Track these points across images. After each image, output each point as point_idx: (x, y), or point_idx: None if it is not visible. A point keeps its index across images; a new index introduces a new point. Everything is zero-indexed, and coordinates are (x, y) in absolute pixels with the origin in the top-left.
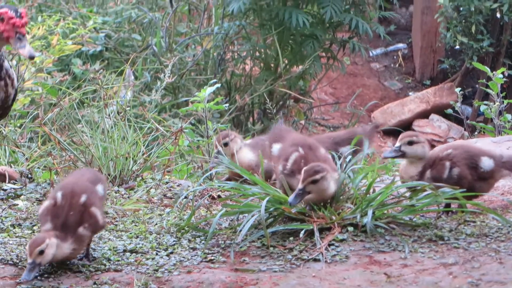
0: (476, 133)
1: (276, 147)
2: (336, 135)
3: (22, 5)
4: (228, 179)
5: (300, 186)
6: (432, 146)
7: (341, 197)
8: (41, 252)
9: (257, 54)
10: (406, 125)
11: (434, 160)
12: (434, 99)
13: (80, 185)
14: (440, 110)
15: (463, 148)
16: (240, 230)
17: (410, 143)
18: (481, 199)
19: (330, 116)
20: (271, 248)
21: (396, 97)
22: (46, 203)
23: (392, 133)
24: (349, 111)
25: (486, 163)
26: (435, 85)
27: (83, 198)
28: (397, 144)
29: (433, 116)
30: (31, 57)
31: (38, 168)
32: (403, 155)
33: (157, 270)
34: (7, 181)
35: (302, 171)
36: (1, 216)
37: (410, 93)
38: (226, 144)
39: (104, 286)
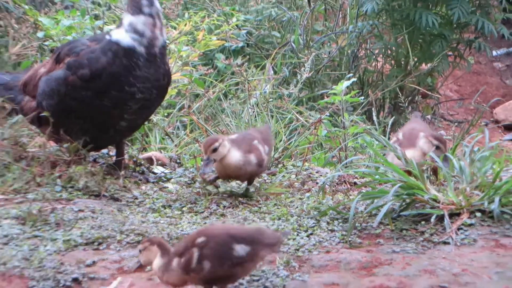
0: None
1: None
2: None
3: (169, 3)
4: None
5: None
6: None
7: (470, 185)
8: (215, 150)
9: (389, 52)
10: None
11: None
12: None
13: None
14: None
15: None
16: (375, 214)
17: None
18: None
19: (454, 112)
20: (404, 231)
21: None
22: None
23: None
24: (472, 107)
25: None
26: None
27: None
28: None
29: None
30: None
31: (185, 154)
32: None
33: (298, 250)
34: (154, 165)
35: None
36: (153, 197)
37: None
38: (215, 150)
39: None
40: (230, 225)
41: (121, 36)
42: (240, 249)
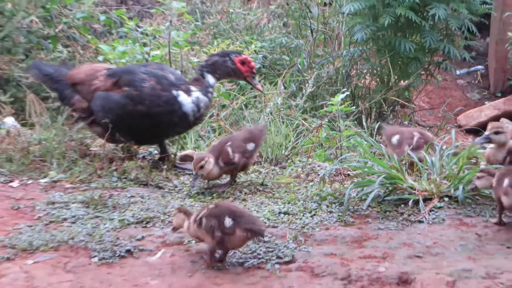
0: None
1: (395, 138)
2: None
3: (202, 33)
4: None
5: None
6: None
7: (440, 176)
8: (201, 167)
9: (375, 71)
10: (483, 126)
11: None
12: (504, 106)
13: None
14: (508, 115)
15: None
16: (365, 199)
17: (496, 132)
18: None
19: (426, 119)
20: (387, 213)
21: (475, 105)
22: None
23: (472, 131)
24: (440, 115)
25: None
26: (505, 96)
27: None
28: (486, 133)
29: (503, 119)
30: (260, 90)
31: None
32: (490, 141)
33: (303, 227)
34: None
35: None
36: (189, 186)
37: (486, 102)
38: (201, 167)
39: (265, 237)
40: (230, 205)
41: (186, 102)
42: (228, 221)
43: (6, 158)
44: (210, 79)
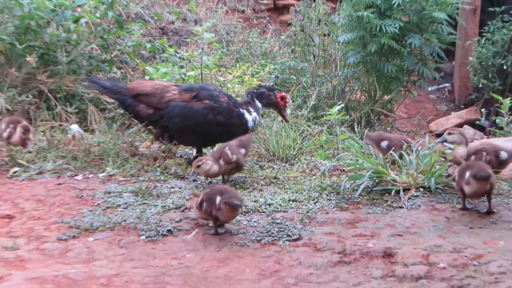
0: (490, 136)
1: (384, 143)
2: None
3: (227, 58)
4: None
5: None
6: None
7: (416, 171)
8: (198, 166)
9: (364, 88)
10: None
11: (475, 150)
12: (466, 116)
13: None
14: (469, 122)
15: (491, 144)
16: (357, 190)
17: (449, 133)
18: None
19: (405, 126)
20: (375, 200)
21: (444, 115)
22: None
23: (441, 135)
24: (416, 123)
25: (503, 155)
26: (467, 108)
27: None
28: (444, 134)
29: (465, 126)
30: (287, 121)
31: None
32: (445, 140)
33: (308, 212)
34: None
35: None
36: (217, 179)
37: (452, 113)
38: (198, 166)
39: (278, 219)
40: (220, 187)
41: (249, 119)
42: (218, 199)
43: (72, 157)
44: (258, 104)
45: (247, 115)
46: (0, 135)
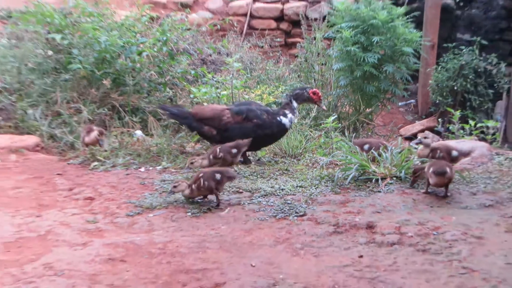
0: (445, 139)
1: (366, 145)
2: None
3: (250, 81)
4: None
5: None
6: None
7: (391, 164)
8: (192, 163)
9: (351, 103)
10: (414, 135)
11: (432, 149)
12: (427, 124)
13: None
14: (429, 129)
15: (444, 145)
16: (346, 178)
17: (425, 137)
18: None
19: (381, 131)
20: (360, 186)
21: (410, 123)
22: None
23: (408, 138)
24: (390, 129)
25: (454, 153)
26: (427, 118)
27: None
28: (419, 137)
29: (426, 131)
30: (324, 109)
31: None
32: (420, 143)
33: (311, 195)
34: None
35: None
36: (245, 171)
37: (416, 121)
38: (192, 163)
39: (288, 200)
40: (214, 168)
41: (285, 122)
42: (217, 175)
43: (137, 154)
44: (295, 103)
45: (283, 119)
46: (81, 139)
